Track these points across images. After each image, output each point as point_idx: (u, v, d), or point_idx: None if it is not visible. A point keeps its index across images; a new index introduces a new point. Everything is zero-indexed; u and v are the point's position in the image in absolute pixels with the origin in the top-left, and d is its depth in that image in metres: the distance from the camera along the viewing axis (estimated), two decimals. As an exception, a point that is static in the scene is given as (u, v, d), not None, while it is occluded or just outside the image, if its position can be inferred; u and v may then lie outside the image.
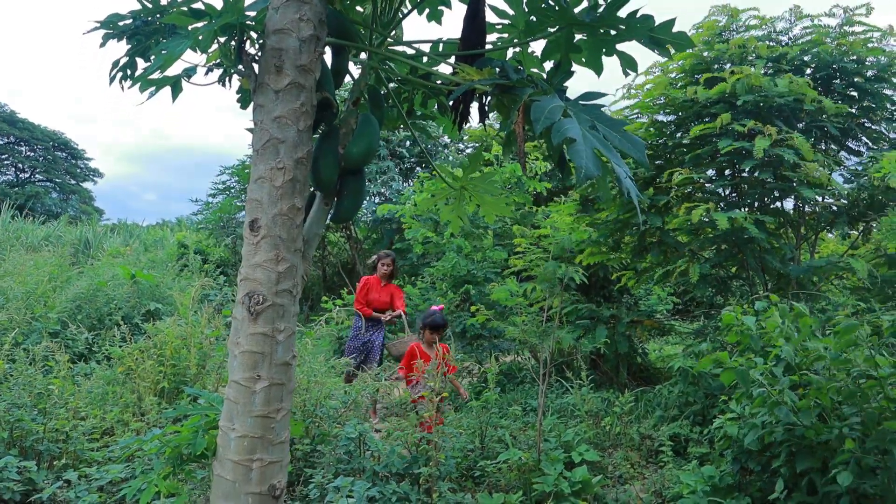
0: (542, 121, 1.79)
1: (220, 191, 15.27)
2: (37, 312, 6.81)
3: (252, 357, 1.98)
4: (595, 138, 1.79)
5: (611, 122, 1.89)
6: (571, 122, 1.78)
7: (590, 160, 1.70)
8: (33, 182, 34.52)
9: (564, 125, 1.77)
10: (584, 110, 1.91)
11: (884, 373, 2.97)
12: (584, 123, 1.81)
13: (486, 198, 2.87)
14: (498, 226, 9.53)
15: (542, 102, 1.85)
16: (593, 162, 1.70)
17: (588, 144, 1.73)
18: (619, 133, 1.87)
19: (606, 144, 1.81)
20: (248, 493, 1.96)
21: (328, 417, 4.40)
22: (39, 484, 3.55)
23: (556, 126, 1.77)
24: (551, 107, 1.84)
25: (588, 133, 1.78)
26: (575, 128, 1.77)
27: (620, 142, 1.85)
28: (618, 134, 1.86)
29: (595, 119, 1.88)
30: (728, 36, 6.20)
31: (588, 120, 1.85)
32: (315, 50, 2.08)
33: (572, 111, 1.85)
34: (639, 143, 1.87)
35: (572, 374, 6.10)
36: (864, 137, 6.31)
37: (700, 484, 3.84)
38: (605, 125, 1.88)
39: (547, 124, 1.79)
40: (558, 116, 1.80)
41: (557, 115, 1.81)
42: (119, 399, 4.66)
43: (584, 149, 1.71)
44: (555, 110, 1.83)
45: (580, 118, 1.83)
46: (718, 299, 6.86)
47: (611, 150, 1.82)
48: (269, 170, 2.02)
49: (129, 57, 2.34)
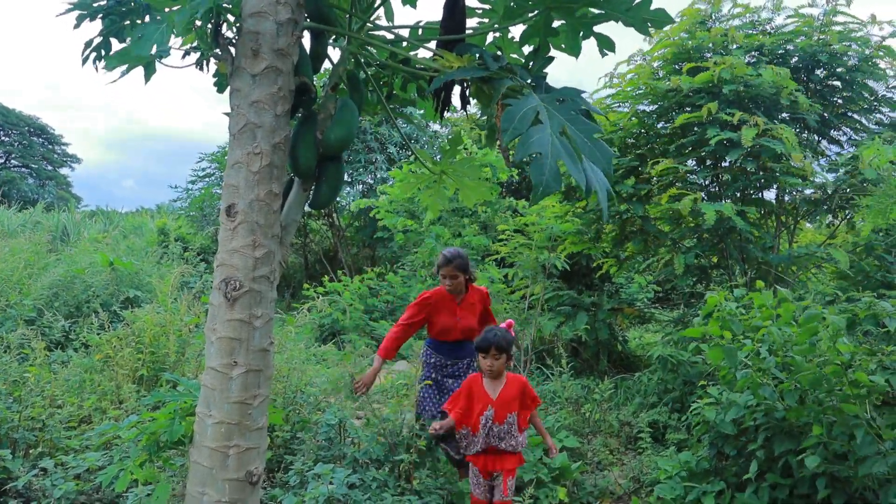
0: (511, 132, 1.76)
1: (199, 178, 15.11)
2: (12, 300, 6.70)
3: (229, 343, 1.97)
4: (563, 147, 1.76)
5: (584, 128, 1.86)
6: (540, 131, 1.76)
7: (551, 174, 1.68)
8: (9, 168, 33.89)
9: (531, 137, 1.74)
10: (560, 109, 1.88)
11: (845, 359, 3.03)
12: (555, 128, 1.78)
13: (465, 181, 2.86)
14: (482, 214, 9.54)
15: (515, 107, 1.82)
16: (554, 176, 1.69)
17: (554, 156, 1.71)
18: (589, 140, 1.84)
19: (573, 156, 1.78)
20: (226, 479, 1.96)
21: (308, 404, 4.39)
22: (15, 472, 3.50)
23: (521, 140, 1.73)
24: (522, 112, 1.80)
25: (557, 140, 1.75)
26: (544, 138, 1.74)
27: (590, 150, 1.83)
28: (589, 141, 1.83)
29: (569, 121, 1.84)
30: (711, 25, 6.23)
31: (561, 123, 1.82)
32: (293, 34, 2.05)
33: (546, 110, 1.83)
34: (607, 153, 1.84)
35: (553, 361, 6.14)
36: (845, 128, 6.38)
37: (677, 469, 3.90)
38: (579, 129, 1.85)
39: (515, 136, 1.76)
40: (528, 125, 1.77)
41: (528, 121, 1.78)
42: (97, 387, 4.61)
43: (547, 163, 1.69)
44: (526, 115, 1.80)
45: (553, 120, 1.80)
46: (699, 288, 6.93)
47: (576, 162, 1.78)
48: (246, 154, 1.99)
49: (103, 37, 2.29)
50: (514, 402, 3.42)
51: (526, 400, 3.48)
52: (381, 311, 9.51)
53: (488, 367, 3.37)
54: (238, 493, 1.97)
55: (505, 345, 3.36)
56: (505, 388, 3.44)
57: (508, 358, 3.49)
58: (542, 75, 2.21)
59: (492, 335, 3.36)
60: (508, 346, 3.39)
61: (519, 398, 3.44)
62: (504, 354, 3.38)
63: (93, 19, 2.26)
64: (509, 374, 3.50)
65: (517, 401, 3.43)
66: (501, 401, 3.40)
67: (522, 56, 2.52)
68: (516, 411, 3.42)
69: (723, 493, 3.61)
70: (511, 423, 3.40)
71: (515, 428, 3.42)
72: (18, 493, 3.44)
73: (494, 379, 3.45)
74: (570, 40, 2.28)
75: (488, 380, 3.46)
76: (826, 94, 6.16)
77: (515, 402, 3.43)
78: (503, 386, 3.45)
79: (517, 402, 3.43)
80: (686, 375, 5.32)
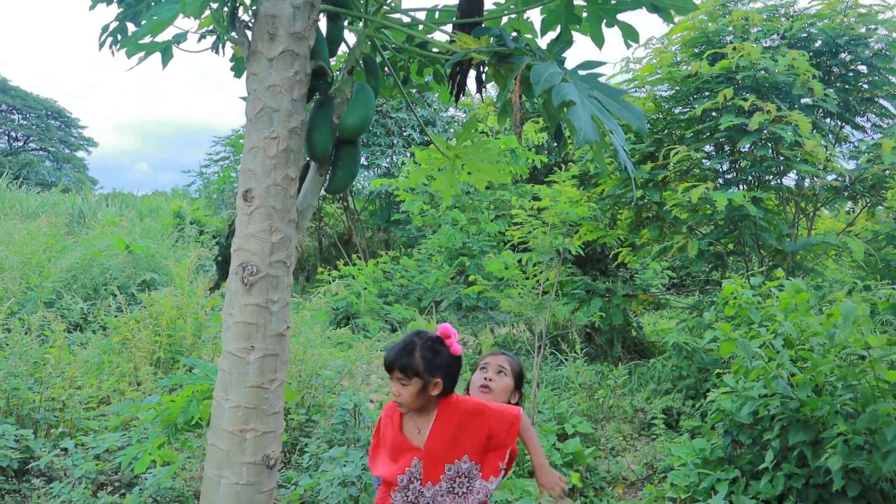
0: (542, 83, 1.76)
1: (214, 161, 15.17)
2: (32, 282, 6.79)
3: (246, 328, 1.97)
4: (594, 105, 1.76)
5: (610, 91, 1.86)
6: (570, 87, 1.76)
7: (588, 124, 1.68)
8: (27, 150, 34.21)
9: (564, 88, 1.74)
10: (583, 79, 1.88)
11: (875, 354, 2.98)
12: (582, 91, 1.78)
13: (479, 164, 2.83)
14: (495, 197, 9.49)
15: (541, 67, 1.82)
16: (591, 127, 1.68)
17: (587, 109, 1.71)
18: (618, 102, 1.84)
19: (605, 112, 1.79)
20: (243, 462, 1.97)
21: (323, 388, 4.43)
22: (36, 452, 3.57)
23: (555, 89, 1.74)
24: (550, 71, 1.80)
25: (587, 100, 1.75)
26: (574, 92, 1.74)
27: (619, 110, 1.82)
28: (617, 103, 1.83)
29: (594, 87, 1.85)
30: (733, 7, 6.12)
31: (587, 88, 1.82)
32: (309, 17, 2.03)
33: (571, 79, 1.82)
34: (638, 112, 1.84)
35: (567, 346, 6.13)
36: (869, 114, 6.26)
37: (691, 456, 3.88)
38: (605, 94, 1.85)
39: (546, 87, 1.76)
40: (558, 80, 1.77)
41: (557, 79, 1.78)
42: (115, 368, 4.68)
43: (582, 112, 1.69)
44: (554, 75, 1.80)
45: (579, 86, 1.80)
46: (714, 275, 6.88)
47: (609, 119, 1.79)
48: (263, 139, 1.99)
49: (120, 21, 2.28)
50: (459, 445, 2.09)
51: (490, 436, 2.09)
52: (396, 294, 9.53)
53: (395, 394, 2.08)
54: (255, 476, 1.99)
55: (417, 364, 2.03)
56: (436, 425, 2.10)
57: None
58: (562, 59, 2.18)
59: (394, 354, 2.07)
60: (429, 366, 2.04)
61: (470, 435, 2.09)
62: (415, 379, 2.03)
63: (108, 4, 2.25)
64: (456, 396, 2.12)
65: (468, 440, 2.09)
66: (433, 447, 2.09)
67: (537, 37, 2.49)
68: (467, 455, 2.10)
69: (737, 481, 3.59)
70: (460, 473, 2.10)
71: (477, 480, 2.11)
72: (41, 472, 3.51)
73: (417, 414, 2.12)
74: (592, 26, 2.25)
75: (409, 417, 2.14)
76: (850, 78, 6.04)
77: (465, 444, 2.09)
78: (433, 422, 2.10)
79: (468, 442, 2.09)
80: (701, 362, 5.29)
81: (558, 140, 2.19)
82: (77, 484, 3.30)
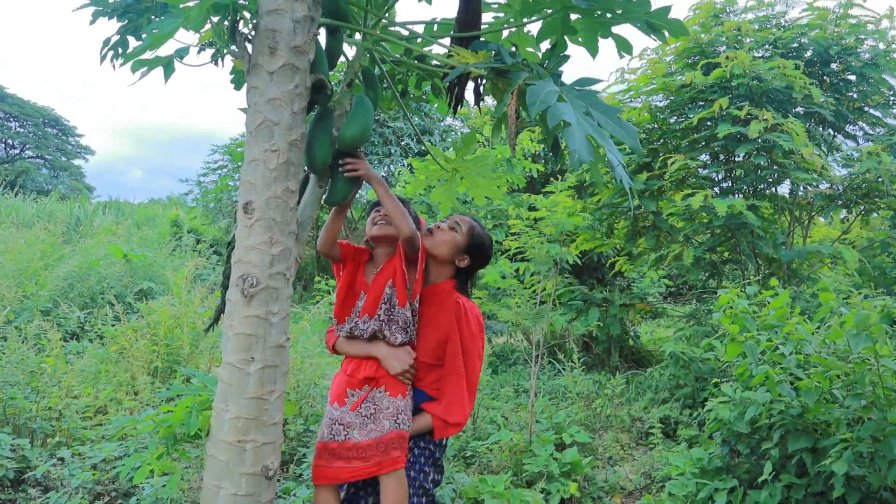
0: (538, 105, 1.79)
1: (212, 170, 15.16)
2: (28, 290, 6.78)
3: (246, 339, 1.98)
4: (589, 124, 1.79)
5: (605, 109, 1.89)
6: (566, 107, 1.78)
7: (583, 145, 1.71)
8: (24, 158, 34.17)
9: (560, 109, 1.77)
10: (579, 96, 1.91)
11: (888, 364, 3.00)
12: (578, 109, 1.81)
13: (477, 179, 2.86)
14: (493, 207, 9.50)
15: (538, 87, 1.84)
16: (586, 148, 1.70)
17: (582, 130, 1.73)
18: (613, 120, 1.87)
19: (600, 131, 1.81)
20: (242, 473, 1.98)
21: (321, 397, 4.42)
22: (33, 461, 3.56)
23: (551, 110, 1.77)
24: (546, 91, 1.83)
25: (582, 119, 1.78)
26: (570, 112, 1.76)
27: (614, 129, 1.85)
28: (612, 121, 1.86)
29: (590, 105, 1.88)
30: (725, 18, 6.18)
31: (583, 106, 1.85)
32: (309, 31, 2.05)
33: (567, 97, 1.85)
34: (632, 131, 1.87)
35: (564, 356, 6.14)
36: (860, 122, 6.32)
37: (689, 466, 3.89)
38: (600, 112, 1.88)
39: (542, 108, 1.78)
40: (553, 101, 1.80)
41: (553, 99, 1.81)
42: (112, 378, 4.67)
43: (578, 133, 1.71)
44: (550, 94, 1.82)
45: (575, 104, 1.82)
46: (711, 283, 6.90)
47: (604, 138, 1.82)
48: (263, 152, 2.00)
49: (121, 35, 2.30)
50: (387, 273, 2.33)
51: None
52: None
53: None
54: (254, 487, 1.99)
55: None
56: (385, 265, 2.35)
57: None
58: (558, 73, 2.20)
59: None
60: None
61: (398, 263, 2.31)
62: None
63: (110, 18, 2.27)
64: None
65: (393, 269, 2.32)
66: (375, 282, 2.33)
67: (538, 50, 2.52)
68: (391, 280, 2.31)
69: (735, 491, 3.60)
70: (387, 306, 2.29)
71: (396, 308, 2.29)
72: (37, 482, 3.50)
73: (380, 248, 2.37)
74: (587, 38, 2.28)
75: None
76: (841, 88, 6.10)
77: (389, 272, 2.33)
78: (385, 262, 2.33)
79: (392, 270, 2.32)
80: (698, 371, 5.30)
81: (555, 152, 2.21)
82: (74, 494, 3.29)
